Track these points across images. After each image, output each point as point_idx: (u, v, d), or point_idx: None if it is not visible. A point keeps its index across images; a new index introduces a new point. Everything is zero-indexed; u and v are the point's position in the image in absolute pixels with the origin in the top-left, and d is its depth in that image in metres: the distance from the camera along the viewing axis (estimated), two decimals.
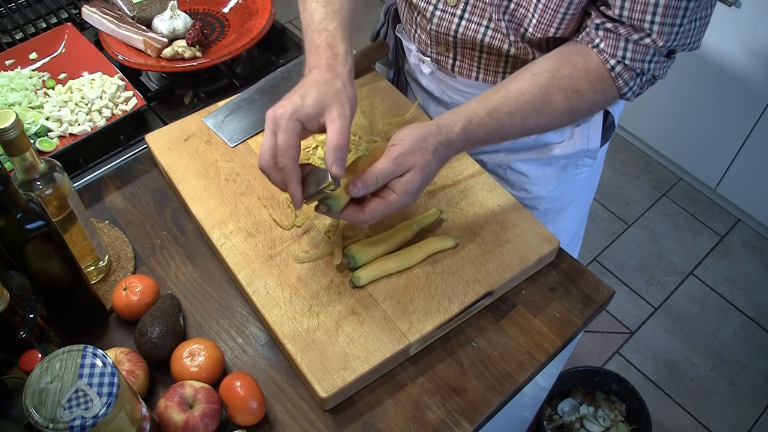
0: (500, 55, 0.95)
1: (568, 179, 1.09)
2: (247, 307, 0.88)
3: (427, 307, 0.83)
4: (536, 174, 1.07)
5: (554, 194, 1.09)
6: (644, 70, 0.83)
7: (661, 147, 2.37)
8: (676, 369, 1.93)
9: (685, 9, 0.77)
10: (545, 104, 0.82)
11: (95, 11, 1.20)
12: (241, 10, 1.27)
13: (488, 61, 0.96)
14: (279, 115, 0.74)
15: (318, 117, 0.75)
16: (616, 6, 0.79)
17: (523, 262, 0.87)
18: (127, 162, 1.05)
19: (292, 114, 0.74)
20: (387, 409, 0.79)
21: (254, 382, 0.77)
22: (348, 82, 0.78)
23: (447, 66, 1.01)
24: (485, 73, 0.98)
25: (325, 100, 0.75)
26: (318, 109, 0.74)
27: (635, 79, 0.84)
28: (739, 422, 1.83)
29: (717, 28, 1.92)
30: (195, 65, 1.14)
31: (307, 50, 0.83)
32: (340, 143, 0.73)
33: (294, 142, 0.74)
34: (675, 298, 2.09)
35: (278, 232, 0.91)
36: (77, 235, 0.83)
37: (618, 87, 0.84)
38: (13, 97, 1.07)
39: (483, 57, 0.96)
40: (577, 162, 1.07)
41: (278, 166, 0.74)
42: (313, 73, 0.78)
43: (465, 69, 1.00)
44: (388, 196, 0.75)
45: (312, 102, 0.74)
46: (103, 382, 0.59)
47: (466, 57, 0.98)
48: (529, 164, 1.07)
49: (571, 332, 0.85)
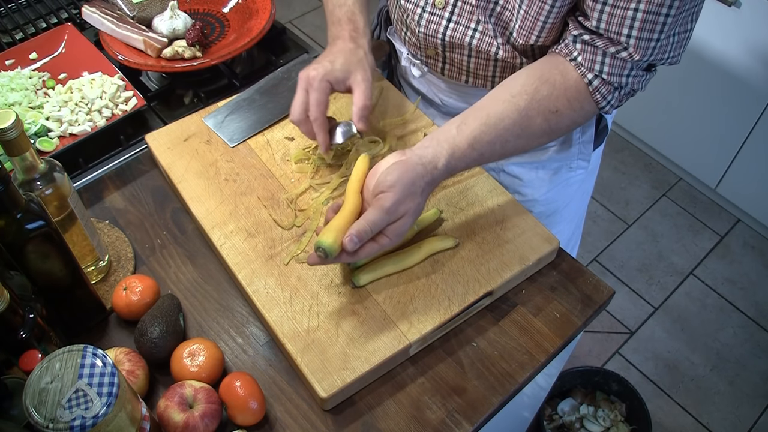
0: (488, 59, 0.95)
1: (561, 182, 1.09)
2: (247, 307, 0.88)
3: (427, 307, 0.83)
4: (529, 177, 1.07)
5: (548, 197, 1.09)
6: (622, 84, 0.83)
7: (661, 147, 2.37)
8: (676, 369, 1.93)
9: (663, 24, 0.76)
10: (524, 128, 0.82)
11: (95, 11, 1.20)
12: (241, 10, 1.27)
13: (477, 64, 0.96)
14: (312, 76, 0.87)
15: (345, 80, 0.88)
16: (593, 18, 0.79)
17: (523, 262, 0.87)
18: (127, 162, 1.05)
19: (324, 76, 0.87)
20: (387, 409, 0.79)
21: (254, 382, 0.77)
22: (368, 51, 0.91)
23: (437, 69, 1.02)
24: (474, 77, 0.99)
25: (351, 66, 0.88)
26: (345, 73, 0.88)
27: (613, 93, 0.83)
28: (739, 422, 1.83)
29: (717, 28, 1.93)
30: (195, 65, 1.14)
31: (329, 21, 0.95)
32: (365, 103, 0.87)
33: (324, 99, 0.87)
34: (675, 298, 2.09)
35: (278, 232, 0.91)
36: (77, 235, 0.83)
37: (596, 101, 0.84)
38: (13, 97, 1.07)
39: (472, 60, 0.96)
40: (570, 165, 1.07)
41: (309, 118, 0.87)
42: (338, 42, 0.91)
43: (455, 72, 1.00)
44: (381, 239, 0.78)
45: (340, 67, 0.88)
46: (103, 382, 0.59)
47: (455, 61, 0.98)
48: (522, 167, 1.07)
49: (571, 332, 0.85)
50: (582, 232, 1.37)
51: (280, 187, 0.96)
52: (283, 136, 1.03)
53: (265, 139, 1.02)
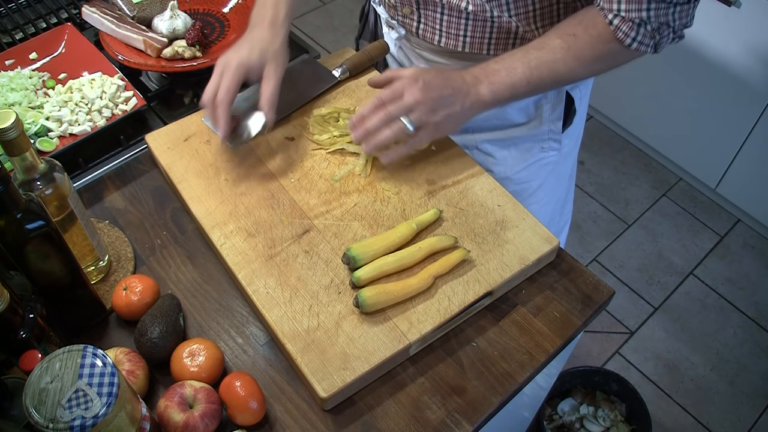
0: (460, 17, 0.97)
1: (534, 162, 1.12)
2: (247, 307, 0.88)
3: (427, 307, 0.83)
4: (501, 155, 1.11)
5: (521, 176, 1.13)
6: (644, 19, 0.84)
7: (661, 147, 2.37)
8: (676, 369, 1.93)
9: None
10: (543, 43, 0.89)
11: (95, 11, 1.20)
12: (241, 10, 1.27)
13: (449, 23, 0.99)
14: (229, 62, 0.91)
15: (259, 70, 0.92)
16: None
17: (523, 262, 0.87)
18: (127, 162, 1.05)
19: (240, 64, 0.91)
20: (387, 409, 0.79)
21: (254, 382, 0.77)
22: (284, 43, 0.96)
23: (412, 29, 1.04)
24: (447, 36, 1.01)
25: (266, 56, 0.93)
26: (260, 63, 0.92)
27: (637, 30, 0.85)
28: (739, 422, 1.83)
29: (717, 28, 1.93)
30: (195, 65, 1.14)
31: (256, 2, 0.99)
32: (272, 96, 0.93)
33: (234, 86, 0.91)
34: (675, 298, 2.09)
35: (278, 231, 0.91)
36: (77, 235, 0.83)
37: (620, 40, 0.86)
38: (13, 97, 1.07)
39: (444, 18, 0.98)
40: (542, 145, 1.11)
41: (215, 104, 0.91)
42: (258, 28, 0.95)
43: (428, 32, 1.02)
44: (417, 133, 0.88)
45: (257, 57, 0.92)
46: (103, 382, 0.59)
47: (429, 19, 1.00)
48: (495, 144, 1.10)
49: (571, 332, 0.85)
50: (575, 227, 1.40)
51: (280, 187, 0.96)
52: (283, 136, 1.03)
53: (265, 139, 1.02)
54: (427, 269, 0.85)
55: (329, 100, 1.08)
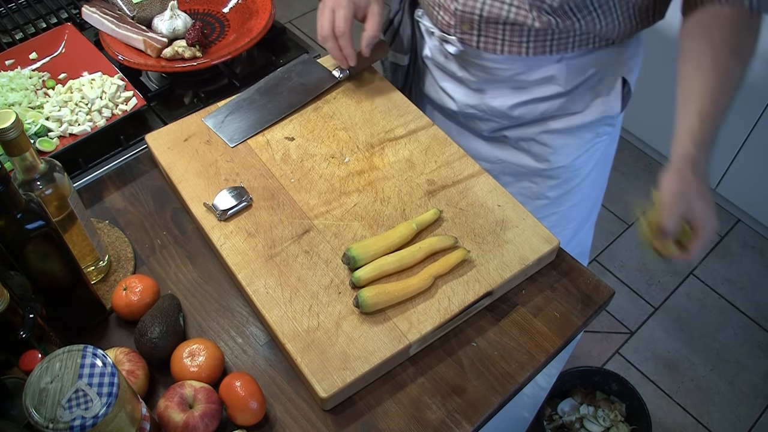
0: (523, 29, 0.97)
1: (589, 148, 1.13)
2: (247, 307, 0.88)
3: (427, 307, 0.83)
4: (559, 144, 1.11)
5: (576, 164, 1.13)
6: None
7: (661, 147, 2.37)
8: (676, 369, 1.93)
9: None
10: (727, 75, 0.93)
11: (95, 11, 1.20)
12: (241, 10, 1.27)
13: (512, 34, 0.99)
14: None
15: (364, 8, 1.01)
16: None
17: (523, 262, 0.87)
18: (127, 162, 1.05)
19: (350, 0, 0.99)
20: (387, 409, 0.79)
21: (254, 382, 0.77)
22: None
23: (471, 43, 1.04)
24: (510, 45, 1.01)
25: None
26: (366, 2, 1.01)
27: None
28: (739, 422, 1.83)
29: None
30: (195, 65, 1.14)
31: None
32: (375, 33, 1.02)
33: (350, 16, 0.99)
34: (675, 298, 2.09)
35: (278, 232, 0.91)
36: (77, 235, 0.83)
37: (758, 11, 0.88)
38: (13, 97, 1.07)
39: (507, 31, 0.99)
40: (597, 130, 1.11)
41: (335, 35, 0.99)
42: None
43: (489, 44, 1.02)
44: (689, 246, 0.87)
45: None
46: (103, 382, 0.59)
47: (490, 33, 1.00)
48: (553, 135, 1.10)
49: (571, 332, 0.85)
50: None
51: (280, 187, 0.96)
52: (283, 136, 1.03)
53: (265, 139, 1.02)
54: (427, 269, 0.85)
55: (329, 100, 1.08)
